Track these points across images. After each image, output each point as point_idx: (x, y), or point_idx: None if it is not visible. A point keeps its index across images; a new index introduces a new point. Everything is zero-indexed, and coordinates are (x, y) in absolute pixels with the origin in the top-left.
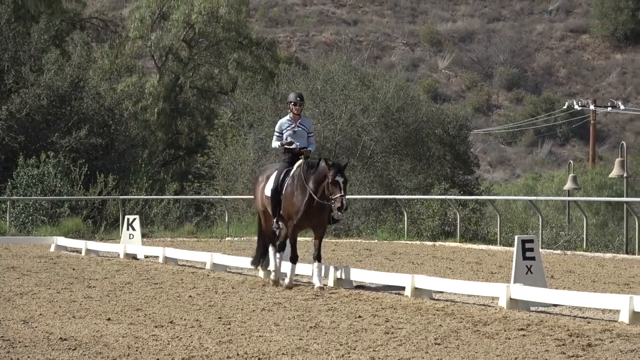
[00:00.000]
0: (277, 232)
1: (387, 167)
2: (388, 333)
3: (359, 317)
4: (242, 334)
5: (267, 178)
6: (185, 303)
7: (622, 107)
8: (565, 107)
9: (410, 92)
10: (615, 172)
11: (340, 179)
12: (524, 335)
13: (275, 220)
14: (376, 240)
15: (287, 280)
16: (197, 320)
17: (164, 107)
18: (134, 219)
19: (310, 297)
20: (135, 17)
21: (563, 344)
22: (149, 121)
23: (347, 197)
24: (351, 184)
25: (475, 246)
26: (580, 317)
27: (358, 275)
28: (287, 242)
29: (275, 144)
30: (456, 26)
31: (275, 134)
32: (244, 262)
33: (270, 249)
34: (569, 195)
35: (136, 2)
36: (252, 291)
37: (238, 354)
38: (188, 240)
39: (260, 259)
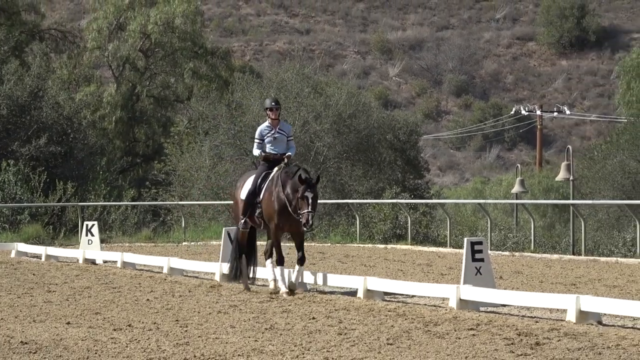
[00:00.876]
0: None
1: (339, 172)
2: (341, 334)
3: (313, 318)
4: (198, 336)
5: (245, 183)
6: (143, 306)
7: (567, 112)
8: (512, 112)
9: (362, 99)
10: (561, 175)
11: (309, 195)
12: (473, 335)
13: (243, 219)
14: (329, 244)
15: (280, 285)
16: (154, 323)
17: (122, 115)
18: (93, 225)
19: (265, 300)
20: (93, 28)
21: (512, 343)
22: (107, 129)
23: (315, 212)
24: None
25: (425, 248)
26: (529, 316)
27: (311, 278)
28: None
29: (256, 152)
30: (406, 35)
31: (256, 140)
32: (201, 266)
33: (244, 262)
34: (516, 198)
35: (94, 14)
36: (208, 294)
37: (195, 356)
38: (146, 245)
39: (238, 269)
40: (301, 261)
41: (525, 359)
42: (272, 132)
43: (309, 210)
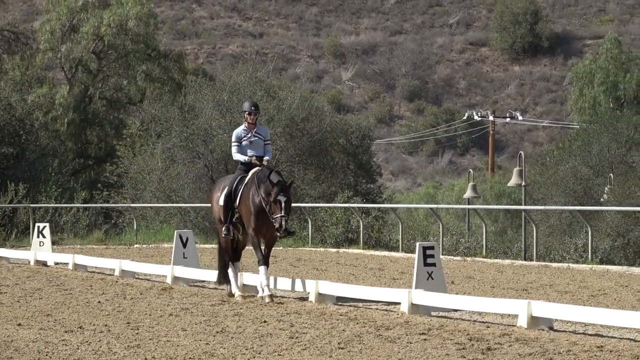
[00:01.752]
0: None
1: (291, 176)
2: (293, 337)
3: (265, 322)
4: (150, 339)
5: (223, 189)
6: (94, 309)
7: (520, 117)
8: (465, 117)
9: (315, 103)
10: (513, 181)
11: (282, 199)
12: (425, 339)
13: (225, 226)
14: (281, 247)
15: (264, 290)
16: (106, 325)
17: (74, 117)
18: (44, 227)
19: (217, 303)
20: (45, 29)
21: (463, 348)
22: (59, 131)
23: (288, 216)
24: None
25: (377, 253)
26: (480, 321)
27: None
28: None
29: (236, 156)
30: (359, 39)
31: (234, 144)
32: (152, 268)
33: (230, 270)
34: (468, 204)
35: (47, 15)
36: (159, 297)
37: (146, 359)
38: (97, 248)
39: (225, 275)
40: (265, 262)
41: None
42: (249, 135)
43: (282, 214)
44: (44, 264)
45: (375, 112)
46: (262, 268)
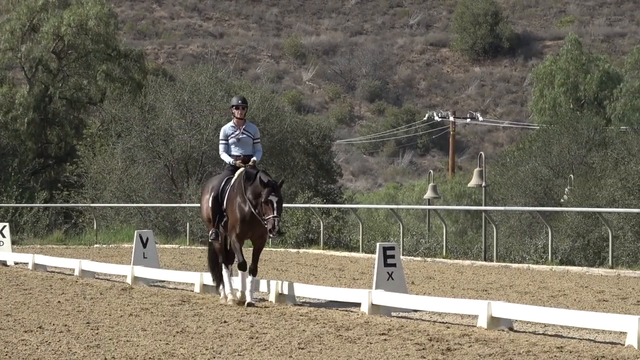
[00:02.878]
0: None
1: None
2: (253, 338)
3: (225, 322)
4: (109, 339)
5: (211, 190)
6: (54, 308)
7: (480, 118)
8: (425, 118)
9: (275, 104)
10: (473, 181)
11: (274, 199)
12: (385, 339)
13: (213, 231)
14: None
15: (247, 294)
16: (65, 325)
17: (34, 117)
18: (4, 227)
19: (177, 303)
20: (5, 29)
21: (423, 349)
22: (19, 131)
23: (280, 216)
24: None
25: (338, 253)
26: (440, 322)
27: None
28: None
29: (223, 155)
30: (320, 39)
31: (221, 142)
32: (112, 268)
33: (224, 272)
34: (429, 204)
35: (7, 15)
36: (119, 297)
37: (106, 359)
38: (57, 247)
39: (220, 280)
40: (254, 273)
41: None
42: (237, 132)
43: (274, 215)
44: (4, 263)
45: (336, 113)
46: (241, 273)
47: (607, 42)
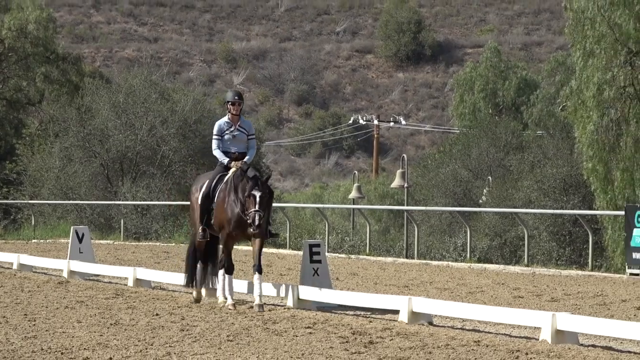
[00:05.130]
0: (220, 255)
1: (184, 175)
2: (183, 330)
3: (157, 315)
4: (46, 330)
5: (201, 188)
6: None
7: (403, 122)
8: (351, 121)
9: (207, 106)
10: (396, 182)
11: (257, 193)
12: (310, 332)
13: (200, 228)
14: (173, 244)
15: (228, 296)
16: (3, 317)
17: None
18: None
19: (111, 296)
20: None
21: (347, 341)
22: None
23: (266, 212)
24: (150, 190)
25: (266, 250)
26: (363, 316)
27: (156, 276)
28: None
29: (216, 152)
30: (250, 45)
31: (215, 137)
32: (49, 262)
33: (220, 273)
34: (353, 204)
35: None
36: (56, 290)
37: (42, 349)
38: None
39: (193, 277)
40: (259, 270)
41: (359, 357)
42: (232, 129)
43: (256, 209)
44: None
45: (265, 115)
46: (227, 277)
47: (524, 51)
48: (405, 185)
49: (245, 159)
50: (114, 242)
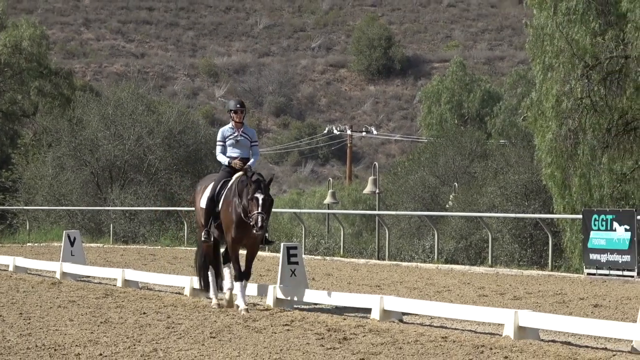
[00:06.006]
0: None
1: (169, 183)
2: (169, 328)
3: (144, 313)
4: (40, 328)
5: (205, 189)
6: None
7: (374, 132)
8: (325, 131)
9: (191, 117)
10: (368, 188)
11: (259, 196)
12: (288, 330)
13: (205, 230)
14: (160, 247)
15: (240, 302)
16: (0, 315)
17: None
18: None
19: (101, 296)
20: None
21: (322, 338)
22: None
23: (267, 215)
24: (137, 197)
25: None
26: (338, 314)
27: (143, 277)
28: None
29: (220, 157)
30: (231, 60)
31: (218, 143)
32: (43, 265)
33: (210, 275)
34: (328, 209)
35: None
36: (49, 290)
37: (37, 346)
38: None
39: (207, 283)
40: (246, 276)
41: (334, 352)
42: (235, 134)
43: (259, 211)
44: None
45: None
46: (237, 284)
47: (488, 65)
48: (377, 191)
49: (249, 163)
50: (104, 246)
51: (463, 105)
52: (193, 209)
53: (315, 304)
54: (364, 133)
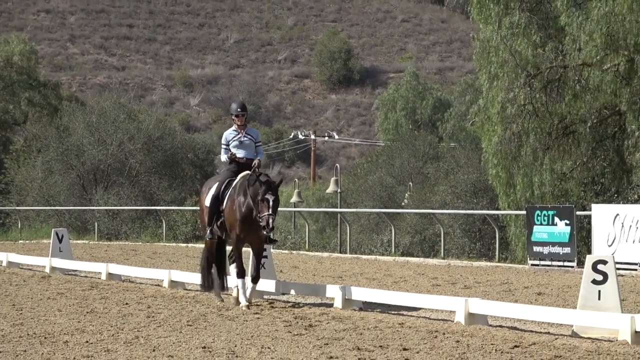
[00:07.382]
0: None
1: (149, 184)
2: (149, 317)
3: (126, 304)
4: (31, 318)
5: (210, 189)
6: None
7: (336, 136)
8: (291, 136)
9: (168, 124)
10: (331, 188)
11: (270, 197)
12: (258, 318)
13: (209, 230)
14: (140, 243)
15: (241, 299)
16: None
17: None
18: None
19: (87, 288)
20: None
21: (290, 325)
22: None
23: (275, 215)
24: (120, 197)
25: None
26: (303, 303)
27: (125, 271)
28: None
29: (224, 157)
30: (204, 72)
31: (222, 146)
32: (34, 260)
33: (232, 268)
34: (294, 207)
35: None
36: (40, 284)
37: (28, 334)
38: None
39: (209, 281)
40: (255, 280)
41: (300, 338)
42: (239, 136)
43: (270, 213)
44: None
45: (218, 132)
46: (239, 281)
47: (439, 74)
48: (339, 190)
49: (257, 159)
50: (89, 242)
51: (417, 111)
52: (172, 208)
53: (284, 294)
54: (326, 138)
